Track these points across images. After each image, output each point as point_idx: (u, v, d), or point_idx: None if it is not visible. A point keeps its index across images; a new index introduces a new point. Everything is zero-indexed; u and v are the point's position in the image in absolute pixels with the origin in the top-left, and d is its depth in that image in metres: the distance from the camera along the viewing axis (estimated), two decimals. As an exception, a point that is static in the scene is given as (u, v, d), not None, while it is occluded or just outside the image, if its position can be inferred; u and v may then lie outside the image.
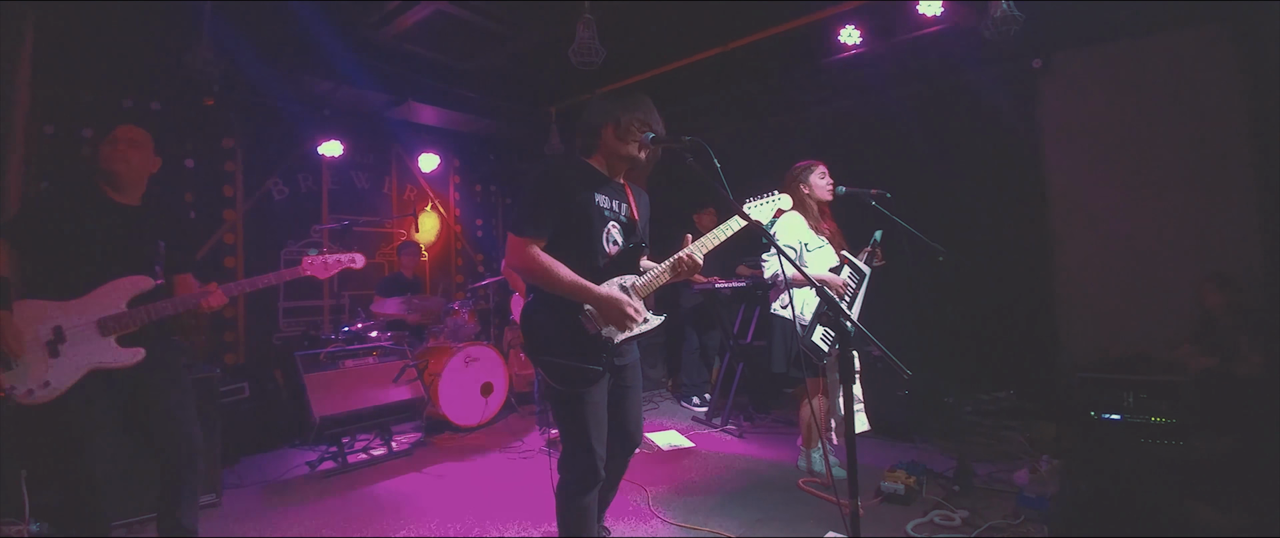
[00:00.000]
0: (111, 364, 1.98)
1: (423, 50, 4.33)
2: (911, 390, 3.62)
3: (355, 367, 3.78)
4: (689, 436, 3.84)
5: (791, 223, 2.87)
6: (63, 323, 1.93)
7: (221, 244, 4.53)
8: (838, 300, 1.63)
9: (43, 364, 1.90)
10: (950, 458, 3.09)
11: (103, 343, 1.97)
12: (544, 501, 2.87)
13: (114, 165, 2.06)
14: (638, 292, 1.78)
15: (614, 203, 1.83)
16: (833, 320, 1.51)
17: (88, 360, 1.95)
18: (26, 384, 1.88)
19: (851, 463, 1.41)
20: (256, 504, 2.93)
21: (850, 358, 1.52)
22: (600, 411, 1.77)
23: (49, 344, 1.91)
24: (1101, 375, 3.06)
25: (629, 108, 1.78)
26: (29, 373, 1.89)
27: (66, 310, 1.95)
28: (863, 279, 2.91)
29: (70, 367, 1.93)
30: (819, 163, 2.98)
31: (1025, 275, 4.01)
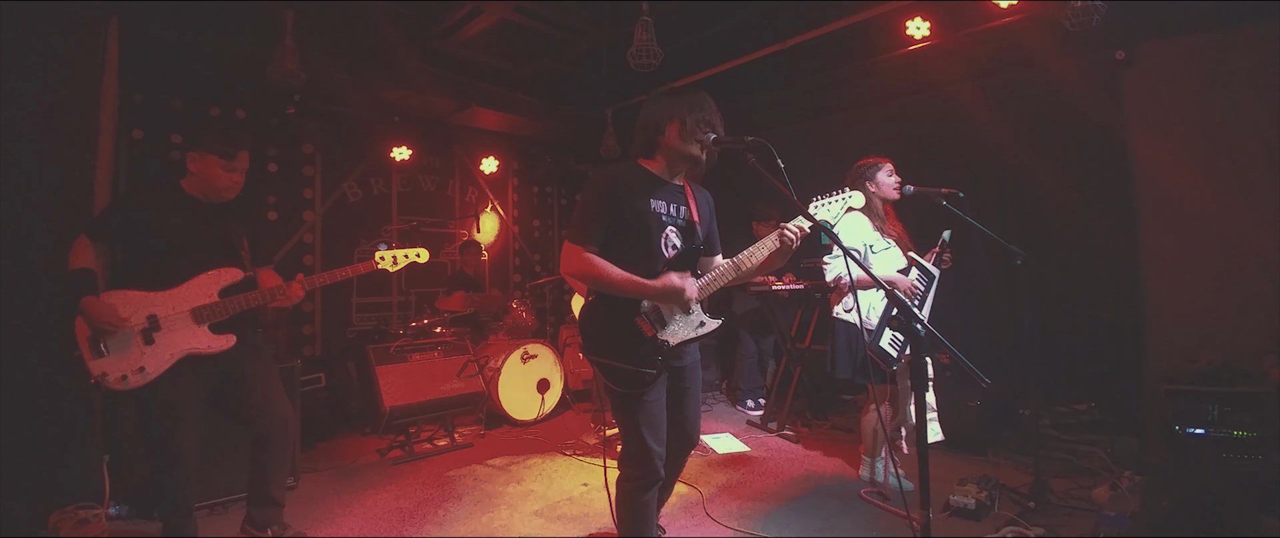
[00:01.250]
0: (204, 350, 2.12)
1: (485, 57, 4.49)
2: (984, 401, 3.43)
3: (422, 360, 3.96)
4: (744, 439, 3.80)
5: (855, 224, 2.79)
6: (157, 312, 2.07)
7: (301, 243, 4.85)
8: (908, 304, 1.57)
9: (137, 351, 2.04)
10: (1025, 473, 2.93)
11: (196, 331, 2.12)
12: (601, 497, 2.92)
13: (232, 190, 2.24)
14: None
15: (672, 207, 1.82)
16: (903, 325, 1.45)
17: (181, 347, 2.09)
18: (120, 371, 2.01)
19: (923, 474, 1.35)
20: (331, 488, 3.12)
21: (923, 364, 1.45)
22: (657, 409, 1.77)
23: (144, 332, 2.05)
24: (1187, 387, 2.84)
25: (693, 107, 1.77)
26: (123, 359, 2.02)
27: (160, 301, 2.09)
28: (932, 282, 2.78)
29: (164, 353, 2.07)
30: (885, 160, 2.88)
31: (1109, 280, 3.72)
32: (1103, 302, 3.72)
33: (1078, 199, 3.78)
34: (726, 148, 1.75)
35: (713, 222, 1.97)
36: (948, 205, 2.70)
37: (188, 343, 2.10)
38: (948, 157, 4.28)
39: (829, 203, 1.91)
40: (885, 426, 2.55)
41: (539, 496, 2.96)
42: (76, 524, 2.49)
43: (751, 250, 1.79)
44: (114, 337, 2.02)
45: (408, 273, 5.39)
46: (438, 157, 5.70)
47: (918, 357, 1.40)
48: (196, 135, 2.24)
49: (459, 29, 3.97)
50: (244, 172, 2.27)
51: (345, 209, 5.11)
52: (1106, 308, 3.70)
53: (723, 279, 1.79)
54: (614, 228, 1.75)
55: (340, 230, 5.06)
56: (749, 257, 1.78)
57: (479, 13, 3.73)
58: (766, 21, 3.84)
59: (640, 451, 1.74)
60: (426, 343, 4.11)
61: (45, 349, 2.64)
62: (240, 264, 2.26)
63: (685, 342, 1.79)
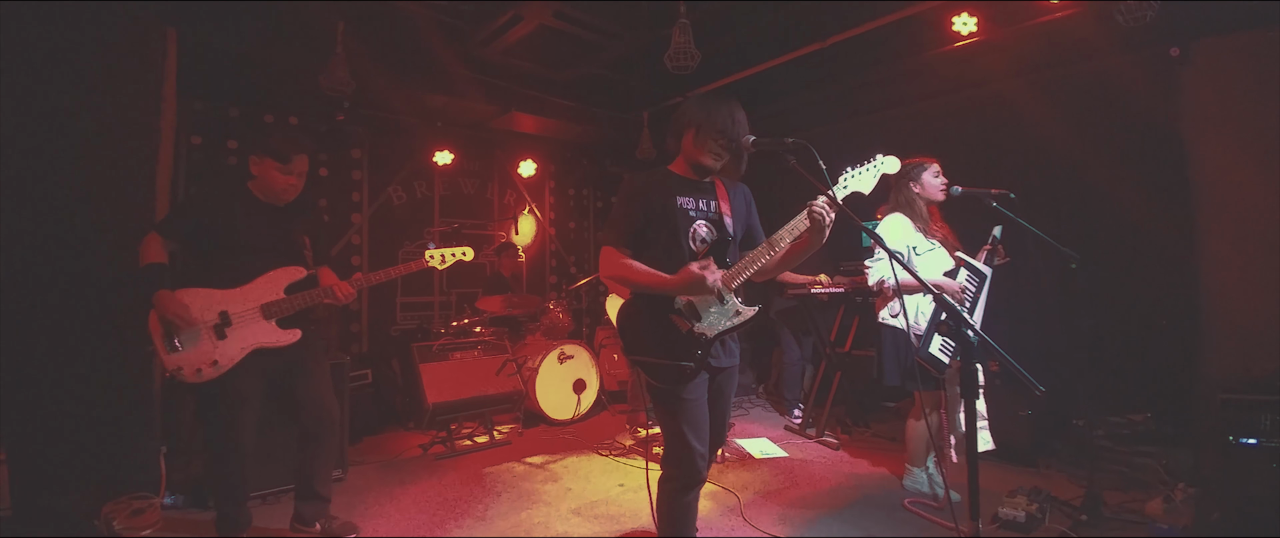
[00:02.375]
0: (273, 344, 2.24)
1: (524, 63, 4.57)
2: (1036, 410, 3.31)
3: (462, 359, 4.06)
4: (782, 445, 3.76)
5: (897, 225, 2.73)
6: (228, 308, 2.19)
7: (350, 244, 5.05)
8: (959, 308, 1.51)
9: (210, 345, 2.16)
10: (1077, 485, 2.83)
11: (265, 325, 2.24)
12: (636, 498, 2.93)
13: (290, 192, 2.34)
14: (724, 285, 1.75)
15: (701, 202, 1.85)
16: (954, 330, 1.41)
17: (252, 341, 2.21)
18: (195, 364, 2.13)
19: (973, 484, 1.32)
20: (377, 480, 3.23)
21: (973, 371, 1.41)
22: (698, 409, 1.78)
23: (215, 327, 2.17)
24: (1242, 396, 2.69)
25: (712, 115, 1.78)
26: (197, 354, 2.14)
27: (231, 298, 2.20)
28: (983, 282, 2.69)
29: (235, 347, 2.19)
30: (932, 160, 2.81)
31: (1165, 284, 3.54)
32: (1158, 307, 3.54)
33: (1132, 201, 3.61)
34: (766, 149, 1.75)
35: (750, 216, 1.96)
36: (998, 206, 2.61)
37: (257, 338, 2.22)
38: (997, 156, 4.14)
39: (860, 173, 1.80)
40: (934, 434, 2.48)
41: (576, 494, 3.00)
42: (131, 514, 2.57)
43: (782, 232, 1.77)
44: (186, 332, 2.13)
45: (448, 274, 5.54)
46: (478, 160, 5.84)
47: (968, 363, 1.37)
48: (256, 140, 2.35)
49: (500, 36, 4.06)
50: (302, 175, 2.36)
51: (391, 211, 5.29)
52: (1162, 313, 3.53)
53: (756, 263, 1.76)
54: (645, 228, 1.80)
55: (386, 232, 5.24)
56: (780, 238, 1.76)
57: (519, 19, 3.81)
58: (806, 20, 3.79)
59: (682, 450, 1.75)
60: (467, 342, 4.22)
61: (106, 344, 2.78)
62: (303, 263, 2.37)
63: (724, 332, 1.79)
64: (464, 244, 2.73)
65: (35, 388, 2.61)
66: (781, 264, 1.85)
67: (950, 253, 2.74)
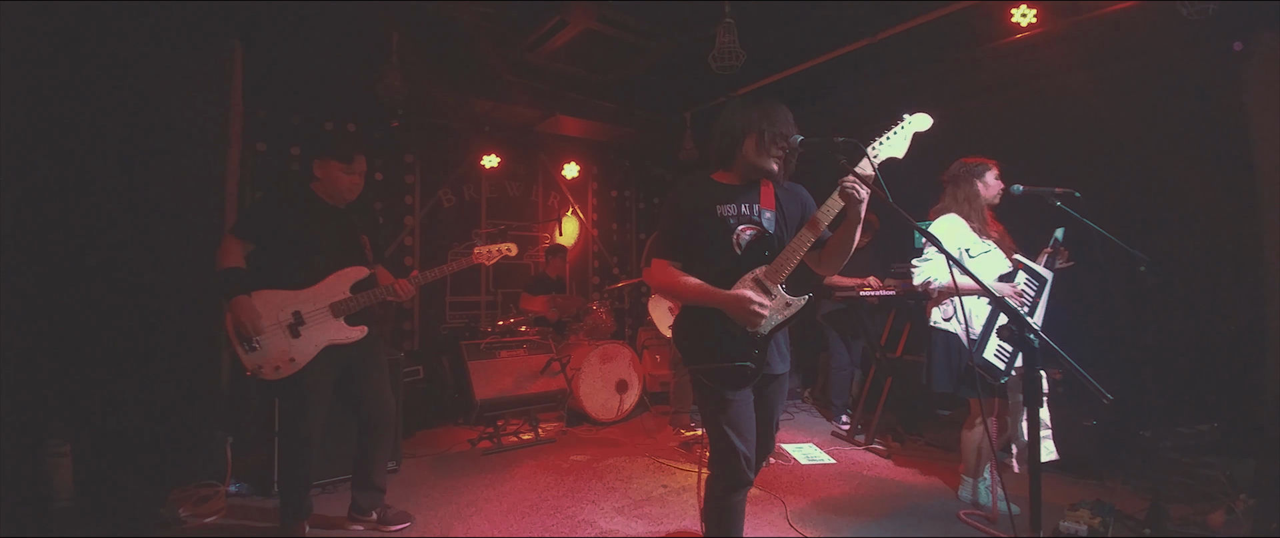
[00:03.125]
0: (342, 340, 2.37)
1: (568, 67, 4.65)
2: (1101, 420, 3.15)
3: (509, 357, 4.17)
4: (829, 451, 3.69)
5: (951, 227, 2.64)
6: (300, 308, 2.31)
7: (402, 246, 5.26)
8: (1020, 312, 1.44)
9: (286, 344, 2.28)
10: (1141, 498, 2.72)
11: (335, 323, 2.36)
12: (680, 499, 2.94)
13: (353, 191, 2.47)
14: (768, 278, 1.75)
15: (744, 206, 1.83)
16: (1015, 335, 1.36)
17: (324, 338, 2.33)
18: (274, 362, 2.25)
19: (1035, 496, 1.27)
20: (429, 473, 3.35)
21: (1037, 377, 1.35)
22: (743, 411, 1.78)
23: (289, 326, 2.28)
24: None
25: (772, 120, 1.78)
26: (274, 353, 2.26)
27: (302, 298, 2.32)
28: (1043, 285, 2.58)
29: (309, 344, 2.31)
30: (991, 162, 2.71)
31: (1233, 286, 3.31)
32: (1225, 312, 3.31)
33: (1197, 200, 3.40)
34: (815, 149, 1.72)
35: (803, 214, 1.91)
36: (1063, 206, 2.50)
37: (328, 335, 2.34)
38: (1059, 153, 3.94)
39: (890, 138, 1.72)
40: (992, 443, 2.39)
41: (620, 494, 3.03)
42: (196, 502, 2.73)
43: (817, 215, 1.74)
44: (265, 332, 2.25)
45: (495, 274, 5.68)
46: (522, 163, 5.97)
47: (1032, 370, 1.32)
48: (319, 144, 2.49)
49: (545, 41, 4.14)
50: (362, 174, 2.49)
51: (440, 214, 5.48)
52: (1229, 319, 3.30)
53: (798, 251, 1.75)
54: (689, 238, 1.83)
55: (436, 234, 5.43)
56: (817, 222, 1.74)
57: (564, 24, 3.88)
58: (855, 15, 3.71)
59: (726, 451, 1.76)
60: (513, 341, 4.32)
61: (175, 340, 2.97)
62: (366, 263, 2.49)
63: (778, 327, 1.78)
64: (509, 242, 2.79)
65: (105, 383, 2.81)
66: (829, 254, 1.82)
67: (1007, 255, 2.63)
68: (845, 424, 4.18)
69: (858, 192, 1.65)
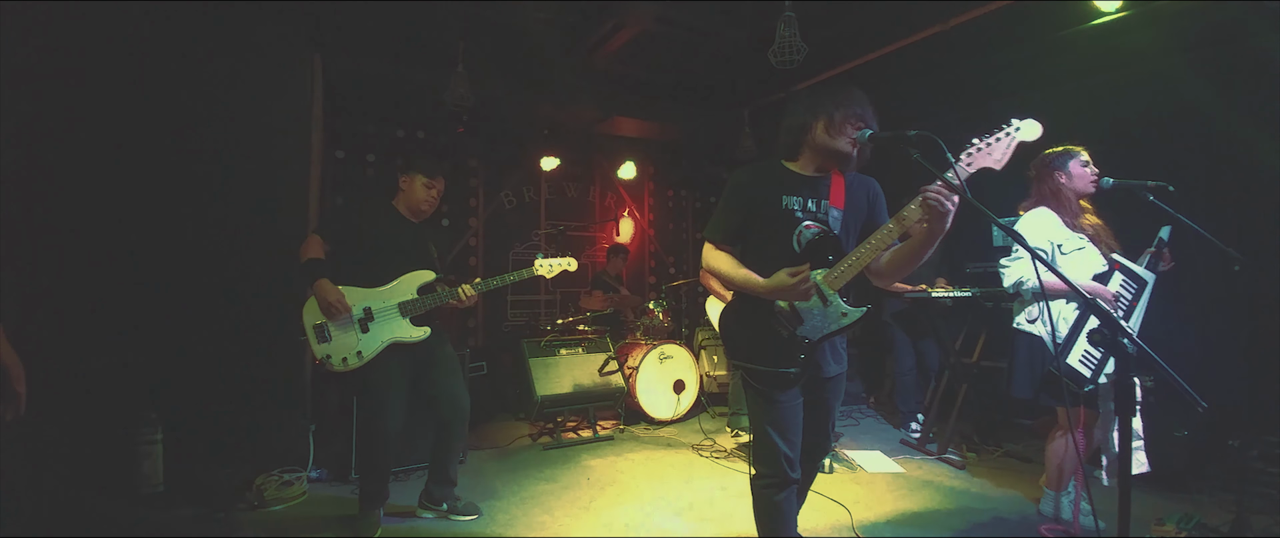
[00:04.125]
0: (406, 339, 2.48)
1: (626, 68, 4.69)
2: (1191, 430, 2.92)
3: (568, 355, 4.24)
4: (898, 460, 3.53)
5: (1040, 220, 2.46)
6: (371, 305, 2.46)
7: (466, 246, 5.46)
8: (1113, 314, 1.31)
9: (355, 337, 2.43)
10: (1227, 509, 2.55)
11: (401, 322, 2.49)
12: (738, 502, 2.90)
13: (430, 206, 2.64)
14: (827, 284, 1.67)
15: (811, 201, 1.75)
16: (1108, 340, 1.26)
17: (389, 335, 2.46)
18: (341, 354, 2.41)
19: (1123, 511, 1.18)
20: (493, 466, 3.47)
21: (1130, 385, 1.25)
22: (789, 411, 1.73)
23: (360, 321, 2.44)
24: None
25: (841, 101, 1.70)
26: (344, 344, 2.41)
27: (372, 296, 2.47)
28: (1142, 289, 2.37)
29: (376, 340, 2.45)
30: (1078, 148, 2.51)
31: None
32: None
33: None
34: (885, 143, 1.64)
35: (873, 212, 1.82)
36: (1156, 201, 2.29)
37: (394, 332, 2.48)
38: (1153, 143, 3.62)
39: (989, 144, 1.55)
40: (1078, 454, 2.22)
41: (677, 494, 3.02)
42: (280, 486, 2.91)
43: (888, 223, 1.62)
44: (336, 324, 2.41)
45: (554, 273, 5.80)
46: (580, 165, 6.06)
47: (1125, 377, 1.22)
48: (410, 160, 2.66)
49: (604, 43, 4.19)
50: (440, 192, 2.68)
51: (502, 216, 5.66)
52: None
53: (862, 260, 1.64)
54: (748, 226, 1.77)
55: (498, 234, 5.61)
56: (886, 231, 1.61)
57: (622, 26, 3.91)
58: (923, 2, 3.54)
59: (768, 449, 1.73)
60: (572, 339, 4.39)
61: (262, 334, 3.20)
62: (434, 268, 2.62)
63: (827, 336, 1.71)
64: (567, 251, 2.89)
65: (195, 375, 3.06)
66: (898, 261, 1.71)
67: (1104, 253, 2.43)
68: (915, 432, 3.99)
69: (943, 203, 1.48)
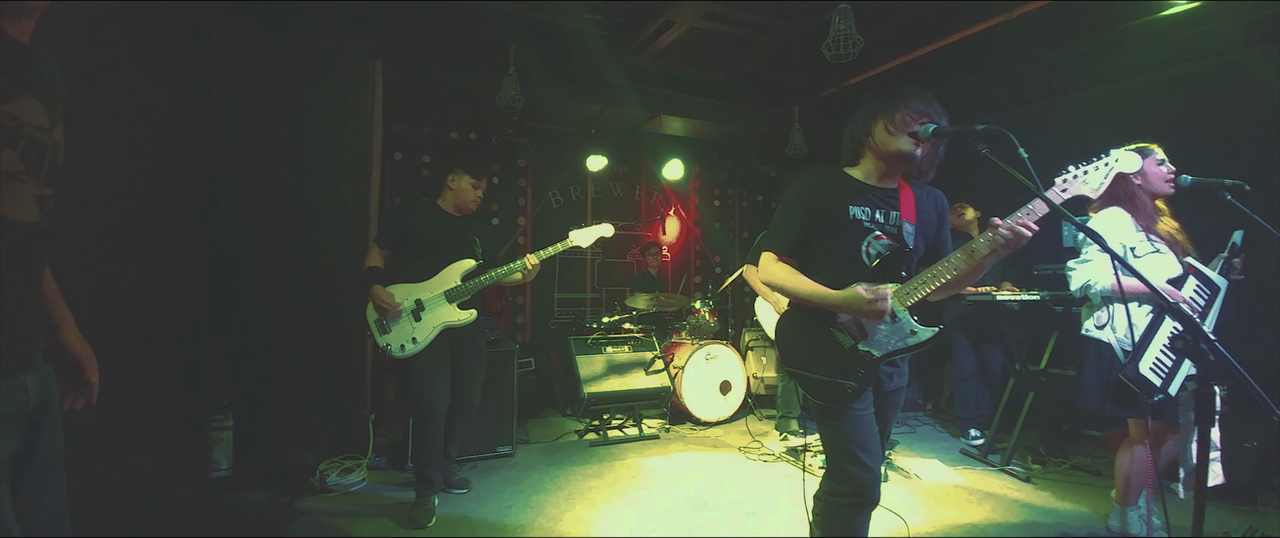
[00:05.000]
0: (455, 321, 2.72)
1: (673, 66, 4.67)
2: (1261, 441, 2.75)
3: (614, 353, 4.27)
4: (958, 471, 3.38)
5: (1113, 221, 2.31)
6: (421, 297, 2.71)
7: (516, 244, 5.58)
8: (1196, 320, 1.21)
9: (409, 326, 2.67)
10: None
11: (450, 307, 2.72)
12: (787, 506, 2.85)
13: (475, 204, 2.87)
14: (897, 300, 1.61)
15: (878, 212, 1.67)
16: (1190, 346, 1.18)
17: (440, 321, 2.70)
18: (400, 341, 2.65)
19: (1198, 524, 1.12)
20: (541, 460, 3.53)
21: (1211, 394, 1.19)
22: (865, 423, 1.63)
23: (412, 312, 2.68)
24: None
25: (902, 100, 1.62)
26: (400, 333, 2.65)
27: (422, 289, 2.72)
28: (1215, 295, 2.22)
29: (428, 327, 2.68)
30: (1152, 146, 2.36)
31: None
32: None
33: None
34: (953, 139, 1.57)
35: (941, 227, 1.76)
36: (1233, 200, 2.13)
37: (445, 317, 2.71)
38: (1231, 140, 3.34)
39: (1085, 173, 1.55)
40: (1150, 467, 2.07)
41: (724, 495, 2.98)
42: (341, 471, 3.11)
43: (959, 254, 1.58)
44: (392, 316, 2.66)
45: (598, 272, 5.86)
46: (626, 164, 6.09)
47: (1205, 386, 1.16)
48: (455, 160, 2.89)
49: (651, 42, 4.19)
50: (483, 191, 2.88)
51: (550, 214, 5.75)
52: None
53: (935, 280, 1.59)
54: (811, 237, 1.69)
55: (547, 232, 5.70)
56: (956, 260, 1.58)
57: (671, 24, 3.90)
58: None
59: (848, 467, 1.61)
60: (618, 337, 4.42)
61: (327, 329, 3.38)
62: (475, 256, 2.83)
63: (893, 353, 1.64)
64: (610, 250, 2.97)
65: (264, 366, 3.28)
66: (964, 281, 1.65)
67: (1178, 257, 2.27)
68: (975, 441, 3.81)
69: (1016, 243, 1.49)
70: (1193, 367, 2.12)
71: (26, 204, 0.99)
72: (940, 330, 1.64)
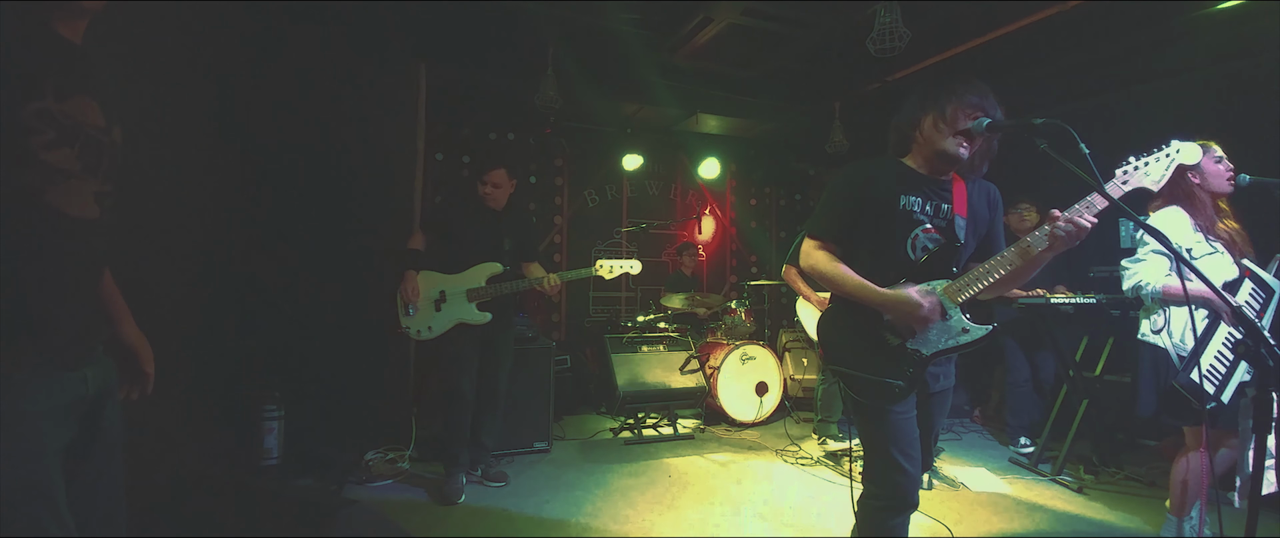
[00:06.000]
0: (471, 321, 2.84)
1: (711, 64, 4.63)
2: None
3: (650, 352, 4.27)
4: (1005, 479, 3.26)
5: (1171, 221, 2.22)
6: (446, 289, 2.84)
7: (552, 243, 5.64)
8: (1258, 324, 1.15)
9: (429, 314, 2.82)
10: None
11: (468, 306, 2.84)
12: (825, 510, 2.79)
13: (487, 200, 2.93)
14: (947, 296, 1.56)
15: (929, 204, 1.62)
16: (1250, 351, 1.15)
17: (457, 316, 2.84)
18: (417, 326, 2.83)
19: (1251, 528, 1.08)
20: (576, 456, 3.56)
21: (1269, 400, 1.15)
22: (907, 425, 1.59)
23: (435, 301, 2.83)
24: None
25: (953, 94, 1.56)
26: (421, 319, 2.83)
27: (449, 281, 2.85)
28: (1270, 299, 2.12)
29: (445, 319, 2.84)
30: (1210, 143, 2.27)
31: None
32: None
33: None
34: (1007, 131, 1.50)
35: (993, 221, 1.70)
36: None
37: (460, 314, 2.85)
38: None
39: (1145, 165, 1.49)
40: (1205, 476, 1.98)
41: (761, 499, 2.95)
42: (385, 460, 3.27)
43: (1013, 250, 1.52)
44: (416, 303, 2.81)
45: (635, 271, 5.87)
46: (662, 163, 6.08)
47: (1264, 392, 1.14)
48: (488, 156, 3.03)
49: (689, 40, 4.17)
50: (496, 185, 2.92)
51: (586, 213, 5.80)
52: None
53: (987, 278, 1.54)
54: (858, 225, 1.63)
55: (582, 231, 5.76)
56: (1010, 257, 1.52)
57: (709, 21, 3.87)
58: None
59: (887, 469, 1.57)
60: (653, 336, 4.42)
61: (374, 326, 3.49)
62: (504, 260, 2.92)
63: (943, 352, 1.58)
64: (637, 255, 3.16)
65: (314, 360, 3.42)
66: (1016, 279, 1.59)
67: (1235, 259, 2.16)
68: (1025, 449, 3.65)
69: (1075, 237, 1.44)
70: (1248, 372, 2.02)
71: (86, 201, 1.02)
72: (993, 329, 1.58)
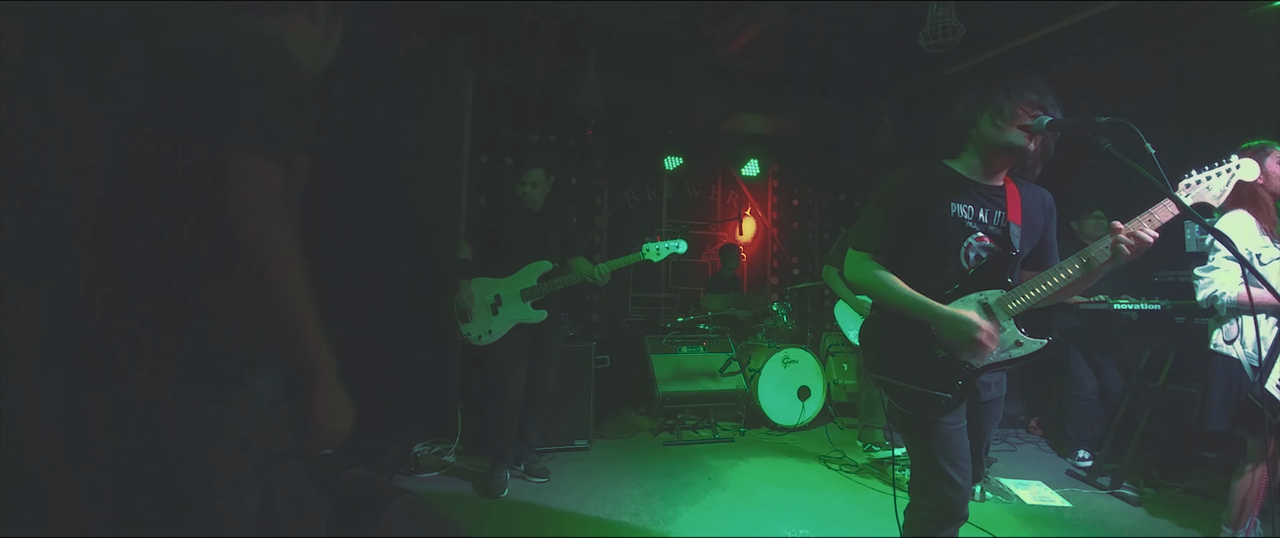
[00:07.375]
0: (528, 320, 2.89)
1: (754, 63, 4.58)
2: None
3: (689, 354, 4.27)
4: (1062, 492, 3.11)
5: (1237, 225, 2.13)
6: (501, 292, 2.90)
7: (592, 243, 5.70)
8: None
9: (488, 319, 2.88)
10: None
11: (524, 306, 2.90)
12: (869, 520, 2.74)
13: (525, 200, 2.98)
14: (1001, 308, 1.49)
15: (982, 211, 1.54)
16: None
17: (514, 317, 2.89)
18: (478, 331, 2.89)
19: None
20: (616, 455, 3.58)
21: None
22: (956, 435, 1.52)
23: (491, 306, 2.89)
24: None
25: (1012, 90, 1.49)
26: (480, 324, 2.89)
27: (502, 285, 2.92)
28: None
29: (504, 321, 2.89)
30: (1274, 143, 2.17)
31: None
32: None
33: None
34: (1069, 130, 1.43)
35: (1048, 229, 1.63)
36: None
37: (518, 315, 2.90)
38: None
39: (1207, 179, 1.47)
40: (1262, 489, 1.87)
41: (803, 506, 2.90)
42: (433, 453, 3.37)
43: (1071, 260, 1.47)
44: (471, 310, 2.87)
45: (673, 271, 5.87)
46: (702, 164, 6.05)
47: None
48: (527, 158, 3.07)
49: (732, 39, 4.14)
50: (535, 185, 2.97)
51: (626, 214, 5.83)
52: None
53: (1042, 287, 1.48)
54: (907, 234, 1.56)
55: (622, 231, 5.78)
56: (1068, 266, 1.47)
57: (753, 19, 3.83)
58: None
59: (935, 480, 1.51)
60: (692, 337, 4.41)
61: (422, 323, 3.61)
62: (552, 258, 2.98)
63: (995, 366, 1.52)
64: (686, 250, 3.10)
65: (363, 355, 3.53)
66: (1073, 290, 1.53)
67: None
68: (1084, 462, 3.48)
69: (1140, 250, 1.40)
70: None
71: None
72: (1049, 343, 1.51)
